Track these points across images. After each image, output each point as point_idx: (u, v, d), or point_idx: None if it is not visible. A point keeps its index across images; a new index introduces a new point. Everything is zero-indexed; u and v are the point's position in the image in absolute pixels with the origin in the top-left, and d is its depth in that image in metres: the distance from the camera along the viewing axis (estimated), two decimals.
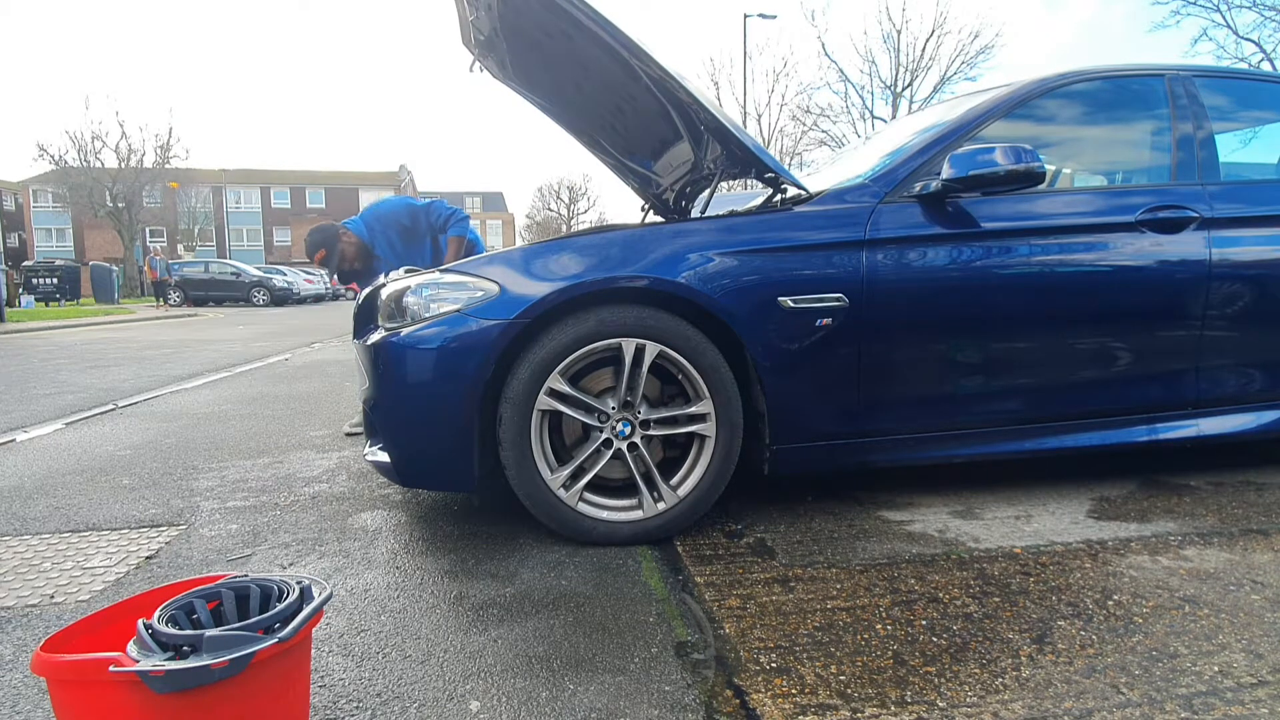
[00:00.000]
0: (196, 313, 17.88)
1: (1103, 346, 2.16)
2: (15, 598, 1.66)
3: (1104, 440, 2.21)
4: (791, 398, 1.96)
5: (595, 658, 1.35)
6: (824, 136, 25.32)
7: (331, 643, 1.42)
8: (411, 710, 1.20)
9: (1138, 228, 2.16)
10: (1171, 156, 2.31)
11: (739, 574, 1.71)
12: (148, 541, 2.00)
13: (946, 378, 2.08)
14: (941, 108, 2.57)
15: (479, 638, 1.44)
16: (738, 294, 1.89)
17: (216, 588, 1.08)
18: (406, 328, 1.85)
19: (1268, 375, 2.31)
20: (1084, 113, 2.38)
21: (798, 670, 1.29)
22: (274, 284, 23.32)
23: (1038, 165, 1.93)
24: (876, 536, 1.94)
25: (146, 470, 2.75)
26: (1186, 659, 1.31)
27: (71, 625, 1.01)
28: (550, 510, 1.86)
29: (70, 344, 8.57)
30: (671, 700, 1.21)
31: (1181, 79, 2.37)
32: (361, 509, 2.27)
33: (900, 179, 2.08)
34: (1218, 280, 2.19)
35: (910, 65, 24.53)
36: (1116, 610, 1.50)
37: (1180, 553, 1.80)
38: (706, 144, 2.21)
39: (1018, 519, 2.05)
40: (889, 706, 1.18)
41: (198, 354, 7.15)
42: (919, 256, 2.02)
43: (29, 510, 2.29)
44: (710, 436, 1.91)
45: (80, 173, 31.24)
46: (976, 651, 1.34)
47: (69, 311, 16.57)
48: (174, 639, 0.93)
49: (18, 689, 1.28)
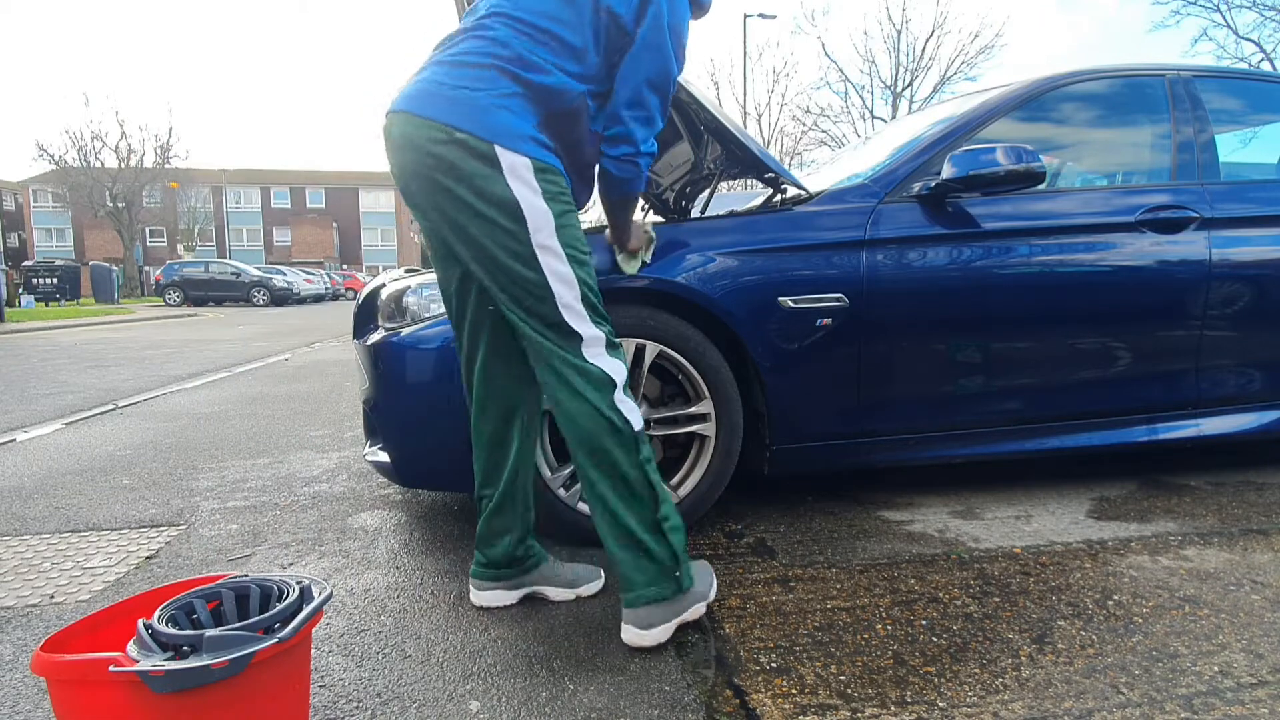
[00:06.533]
0: (196, 313, 17.88)
1: (1103, 346, 2.16)
2: (15, 598, 1.66)
3: (1104, 440, 2.21)
4: (791, 398, 1.96)
5: (595, 658, 1.35)
6: (824, 136, 25.31)
7: (331, 643, 1.42)
8: (411, 710, 1.20)
9: (1138, 228, 2.16)
10: (1172, 157, 2.31)
11: (739, 574, 1.71)
12: (148, 541, 2.00)
13: (946, 377, 2.08)
14: (941, 108, 2.57)
15: (479, 638, 1.44)
16: (738, 294, 1.89)
17: (216, 588, 1.08)
18: (406, 328, 1.85)
19: (1268, 375, 2.31)
20: (1084, 113, 2.38)
21: (798, 670, 1.29)
22: (274, 284, 23.33)
23: (1038, 165, 1.93)
24: (876, 536, 1.94)
25: (146, 470, 2.75)
26: (1186, 659, 1.31)
27: (71, 625, 1.01)
28: (550, 510, 1.86)
29: (70, 344, 8.57)
30: (671, 700, 1.21)
31: (1182, 79, 2.37)
32: (361, 509, 2.27)
33: (900, 179, 2.08)
34: (1218, 280, 2.19)
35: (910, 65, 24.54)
36: (1116, 610, 1.50)
37: (1180, 553, 1.80)
38: (706, 144, 2.21)
39: (1018, 519, 2.05)
40: (889, 706, 1.18)
41: (198, 354, 7.15)
42: (919, 256, 2.02)
43: (29, 510, 2.29)
44: (710, 436, 1.91)
45: (80, 173, 31.26)
46: (976, 651, 1.34)
47: (69, 311, 16.57)
48: (174, 639, 0.93)
49: (18, 689, 1.28)
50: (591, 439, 1.34)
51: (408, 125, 1.30)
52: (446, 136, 1.26)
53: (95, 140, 31.57)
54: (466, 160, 1.26)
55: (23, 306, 18.07)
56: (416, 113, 1.29)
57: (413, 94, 1.31)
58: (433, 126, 1.27)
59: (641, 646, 1.36)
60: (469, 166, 1.26)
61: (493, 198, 1.27)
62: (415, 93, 1.31)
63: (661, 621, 1.37)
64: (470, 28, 1.35)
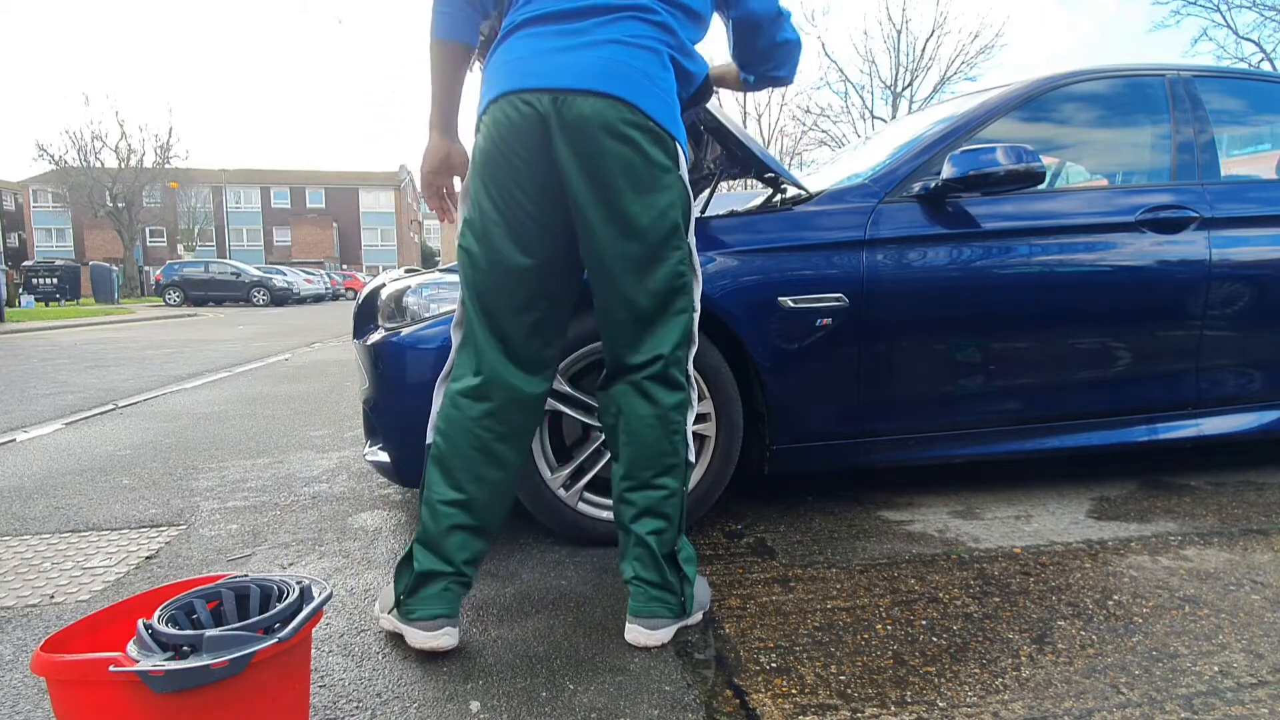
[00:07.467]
0: (196, 313, 17.88)
1: (1103, 346, 2.16)
2: (15, 598, 1.66)
3: (1104, 440, 2.21)
4: (791, 398, 1.96)
5: (595, 658, 1.35)
6: (824, 136, 25.33)
7: (331, 643, 1.42)
8: (411, 710, 1.20)
9: (1138, 228, 2.16)
10: (1172, 156, 2.31)
11: (739, 574, 1.71)
12: (148, 541, 2.00)
13: (946, 377, 2.08)
14: (942, 108, 2.57)
15: (479, 638, 1.43)
16: (738, 294, 1.89)
17: (216, 588, 1.08)
18: (407, 328, 1.85)
19: (1268, 375, 2.31)
20: (1084, 113, 2.38)
21: (798, 670, 1.29)
22: (274, 284, 23.34)
23: (1038, 165, 1.93)
24: (876, 536, 1.94)
25: (146, 470, 2.75)
26: (1186, 659, 1.31)
27: (71, 625, 1.01)
28: (550, 510, 1.86)
29: (70, 344, 8.57)
30: (671, 700, 1.21)
31: (1182, 79, 2.37)
32: (361, 509, 2.27)
33: (900, 179, 2.08)
34: (1218, 280, 2.19)
35: (910, 65, 24.56)
36: (1116, 610, 1.50)
37: (1180, 553, 1.80)
38: (706, 144, 2.21)
39: (1018, 519, 2.05)
40: (889, 706, 1.18)
41: (198, 354, 7.15)
42: (919, 256, 2.02)
43: (29, 510, 2.29)
44: (710, 436, 1.91)
45: (80, 173, 31.28)
46: (976, 651, 1.34)
47: (69, 311, 16.57)
48: (174, 639, 0.93)
49: (18, 689, 1.28)
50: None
51: (598, 104, 1.22)
52: (639, 120, 1.23)
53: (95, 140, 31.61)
54: (653, 148, 1.25)
55: (23, 306, 18.07)
56: (611, 92, 1.22)
57: (598, 73, 1.22)
58: (628, 108, 1.23)
59: (647, 646, 1.37)
60: (654, 154, 1.25)
61: (665, 188, 1.28)
62: (602, 71, 1.22)
63: (665, 626, 1.38)
64: (626, 6, 1.27)
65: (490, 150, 1.28)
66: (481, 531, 1.37)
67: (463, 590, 1.37)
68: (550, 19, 1.27)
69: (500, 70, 1.28)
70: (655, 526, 1.37)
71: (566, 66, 1.24)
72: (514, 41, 1.29)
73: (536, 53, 1.26)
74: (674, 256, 1.30)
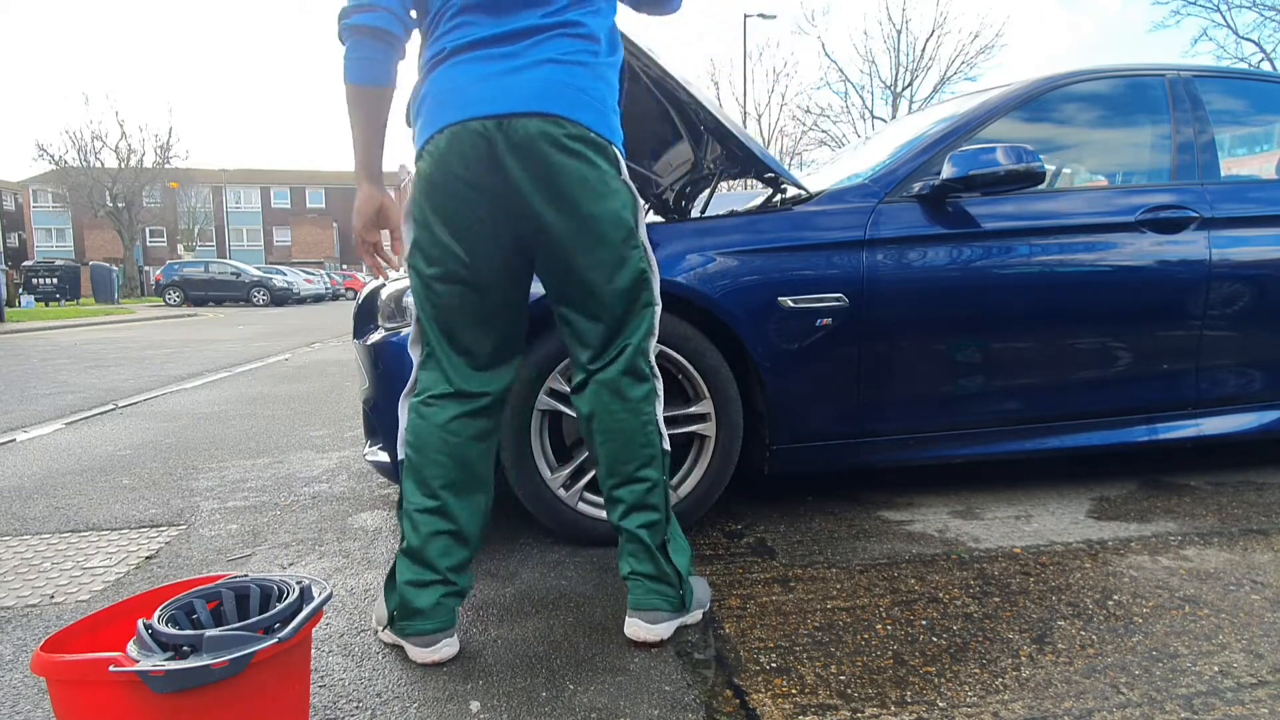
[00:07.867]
0: (196, 313, 17.89)
1: (1103, 346, 2.16)
2: (15, 598, 1.66)
3: (1104, 440, 2.21)
4: (791, 398, 1.96)
5: (595, 658, 1.35)
6: (824, 136, 25.33)
7: (331, 643, 1.42)
8: (411, 710, 1.20)
9: (1138, 228, 2.16)
10: (1172, 156, 2.31)
11: (739, 574, 1.71)
12: (148, 541, 2.00)
13: (946, 377, 2.08)
14: (942, 108, 2.57)
15: (479, 638, 1.43)
16: (738, 294, 1.89)
17: (216, 588, 1.08)
18: (407, 328, 1.85)
19: (1268, 375, 2.30)
20: (1084, 113, 2.38)
21: (798, 670, 1.29)
22: (274, 284, 23.34)
23: (1038, 165, 1.93)
24: (876, 536, 1.94)
25: (146, 470, 2.75)
26: (1186, 659, 1.31)
27: (71, 625, 1.01)
28: (550, 510, 1.86)
29: (70, 344, 8.57)
30: (671, 700, 1.21)
31: (1182, 79, 2.37)
32: (361, 509, 2.27)
33: (900, 179, 2.08)
34: (1218, 280, 2.19)
35: (910, 65, 24.56)
36: (1116, 610, 1.50)
37: (1180, 553, 1.80)
38: (706, 144, 2.21)
39: (1018, 519, 2.05)
40: (889, 706, 1.18)
41: (198, 354, 7.15)
42: (919, 256, 2.02)
43: (29, 510, 2.29)
44: (710, 437, 1.91)
45: (80, 173, 31.28)
46: (976, 651, 1.34)
47: (69, 311, 16.58)
48: (174, 639, 0.93)
49: (18, 689, 1.28)
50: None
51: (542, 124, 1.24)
52: (581, 133, 1.27)
53: (95, 140, 31.61)
54: (597, 157, 1.29)
55: (23, 306, 18.08)
56: (552, 111, 1.25)
57: (536, 94, 1.25)
58: (569, 123, 1.26)
59: (647, 641, 1.37)
60: (598, 161, 1.29)
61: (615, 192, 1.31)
62: (539, 92, 1.25)
63: (665, 620, 1.39)
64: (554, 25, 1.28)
65: (436, 175, 1.29)
66: (461, 538, 1.37)
67: (456, 601, 1.37)
68: (483, 44, 1.29)
69: (441, 99, 1.29)
70: (646, 520, 1.39)
71: (506, 91, 1.26)
72: (449, 69, 1.30)
73: (474, 79, 1.28)
74: (634, 255, 1.34)
